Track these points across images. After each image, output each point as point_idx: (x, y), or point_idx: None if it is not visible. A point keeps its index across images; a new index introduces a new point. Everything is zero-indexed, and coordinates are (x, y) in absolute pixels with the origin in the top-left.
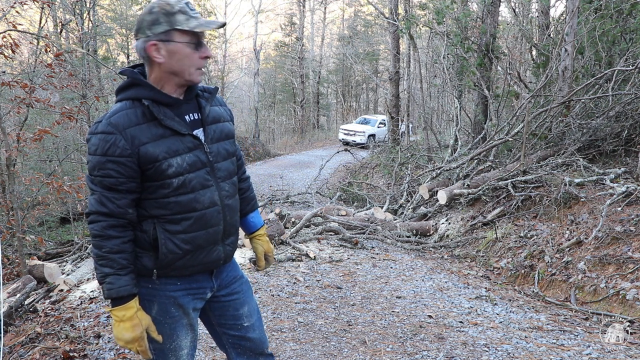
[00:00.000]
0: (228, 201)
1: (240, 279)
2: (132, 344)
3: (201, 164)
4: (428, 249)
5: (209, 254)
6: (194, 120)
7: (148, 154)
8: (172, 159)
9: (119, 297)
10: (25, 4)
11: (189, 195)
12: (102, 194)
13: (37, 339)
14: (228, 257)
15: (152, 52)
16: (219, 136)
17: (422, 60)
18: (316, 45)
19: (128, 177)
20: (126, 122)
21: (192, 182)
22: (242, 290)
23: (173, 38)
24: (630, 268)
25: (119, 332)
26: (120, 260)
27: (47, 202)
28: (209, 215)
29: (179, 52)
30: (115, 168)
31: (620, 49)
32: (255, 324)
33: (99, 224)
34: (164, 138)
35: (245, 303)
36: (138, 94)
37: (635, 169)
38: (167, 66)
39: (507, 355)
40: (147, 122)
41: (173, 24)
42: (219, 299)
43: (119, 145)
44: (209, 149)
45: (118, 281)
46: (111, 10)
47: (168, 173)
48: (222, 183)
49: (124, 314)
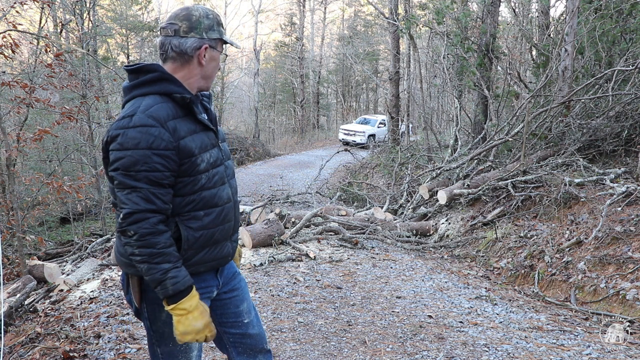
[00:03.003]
0: (236, 197)
1: (238, 275)
2: (203, 332)
3: (220, 161)
4: (428, 249)
5: (222, 249)
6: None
7: (187, 148)
8: (204, 154)
9: (186, 288)
10: (25, 4)
11: (212, 191)
12: (148, 189)
13: (37, 339)
14: (233, 253)
15: (202, 54)
16: (222, 137)
17: (422, 60)
18: (316, 45)
19: (172, 171)
20: (166, 115)
21: (215, 178)
22: (240, 287)
23: (217, 47)
24: (630, 268)
25: (188, 324)
26: (175, 253)
27: (47, 202)
28: (227, 210)
29: (216, 60)
30: (161, 162)
31: (620, 49)
32: (254, 320)
33: (148, 221)
34: (196, 133)
35: (244, 299)
36: (168, 88)
37: (635, 169)
38: (205, 70)
39: (507, 355)
40: (181, 116)
41: (221, 34)
42: (220, 297)
43: (164, 138)
44: (222, 147)
45: (180, 273)
46: (111, 10)
47: (200, 168)
48: (231, 180)
49: (190, 303)
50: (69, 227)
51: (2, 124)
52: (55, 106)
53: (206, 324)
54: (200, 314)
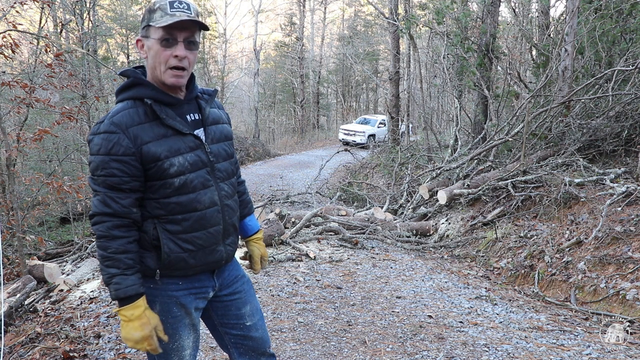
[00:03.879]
0: (227, 201)
1: (242, 278)
2: (141, 343)
3: (202, 164)
4: (428, 249)
5: (212, 254)
6: (195, 121)
7: (150, 153)
8: (174, 158)
9: (127, 296)
10: (25, 4)
11: (190, 195)
12: (105, 194)
13: (37, 339)
14: (229, 257)
15: (138, 48)
16: (219, 137)
17: (422, 60)
18: (316, 45)
19: (131, 176)
20: (129, 121)
21: (194, 182)
22: (244, 290)
23: (149, 34)
24: (630, 268)
25: (127, 332)
26: (126, 260)
27: (47, 202)
28: (209, 215)
29: (151, 48)
30: (118, 167)
31: (620, 49)
32: (258, 324)
33: (103, 224)
34: (166, 137)
35: (247, 302)
36: (140, 93)
37: (635, 169)
38: (149, 63)
39: (507, 355)
40: (149, 121)
41: (149, 20)
42: (221, 299)
43: (123, 144)
44: (209, 149)
45: (125, 281)
46: (111, 10)
47: (170, 172)
48: (222, 183)
49: (132, 312)
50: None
51: (2, 124)
52: (55, 106)
53: (145, 337)
54: (141, 325)
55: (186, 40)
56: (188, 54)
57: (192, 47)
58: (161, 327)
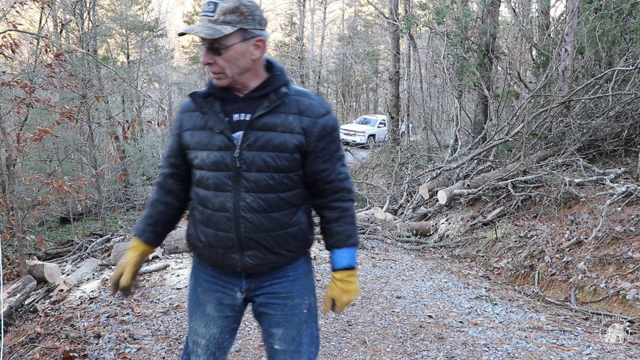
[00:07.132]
0: (246, 214)
1: (288, 300)
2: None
3: (225, 167)
4: (428, 249)
5: (223, 257)
6: (241, 121)
7: (185, 139)
8: (199, 152)
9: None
10: (25, 4)
11: (205, 192)
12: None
13: (37, 339)
14: (251, 269)
15: None
16: (262, 144)
17: (422, 60)
18: (316, 45)
19: (173, 152)
20: (185, 107)
21: (209, 181)
22: (284, 313)
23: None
24: (630, 268)
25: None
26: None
27: (47, 202)
28: (216, 219)
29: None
30: (171, 140)
31: (620, 49)
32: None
33: (159, 178)
34: (202, 130)
35: (281, 325)
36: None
37: (635, 169)
38: None
39: (507, 355)
40: (195, 110)
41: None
42: (256, 307)
43: (176, 125)
44: (239, 153)
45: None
46: (111, 10)
47: (194, 163)
48: (245, 194)
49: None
50: (69, 227)
51: (2, 124)
52: (55, 106)
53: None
54: (124, 257)
55: (209, 47)
56: (216, 59)
57: (215, 53)
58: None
